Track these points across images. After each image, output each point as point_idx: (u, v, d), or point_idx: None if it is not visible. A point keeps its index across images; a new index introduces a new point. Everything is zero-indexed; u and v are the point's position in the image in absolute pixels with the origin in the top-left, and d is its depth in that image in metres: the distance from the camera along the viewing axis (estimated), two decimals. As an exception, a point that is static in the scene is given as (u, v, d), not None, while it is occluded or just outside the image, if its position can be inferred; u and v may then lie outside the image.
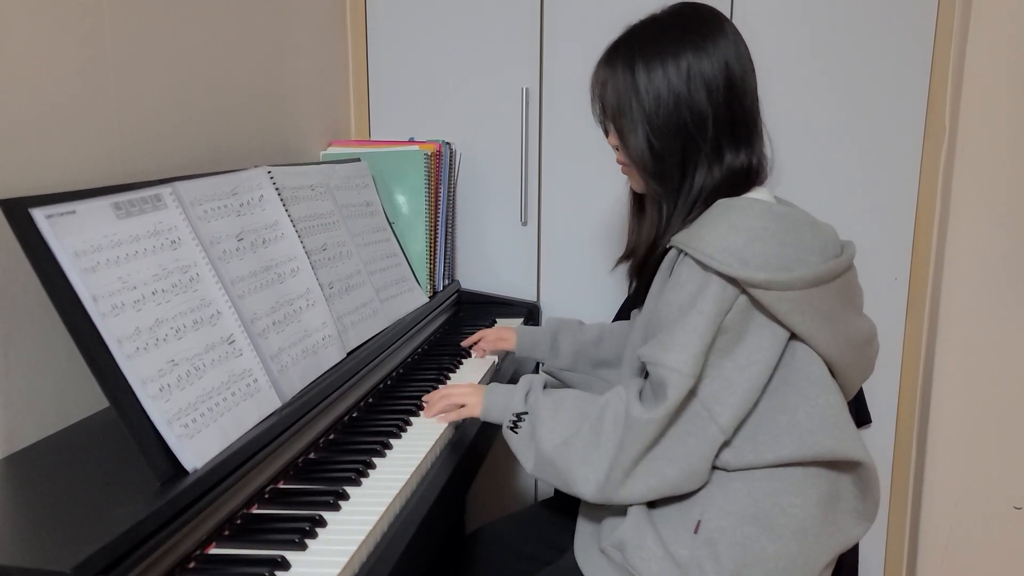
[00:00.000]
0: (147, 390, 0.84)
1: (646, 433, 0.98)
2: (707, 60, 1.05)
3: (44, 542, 0.71)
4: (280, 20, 1.57)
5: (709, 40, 1.06)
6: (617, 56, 1.10)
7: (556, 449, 1.03)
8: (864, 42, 1.75)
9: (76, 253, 0.82)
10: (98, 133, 1.08)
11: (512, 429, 1.10)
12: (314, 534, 0.88)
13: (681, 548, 1.00)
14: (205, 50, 1.32)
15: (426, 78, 1.92)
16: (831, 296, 1.01)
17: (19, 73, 0.94)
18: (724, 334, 0.99)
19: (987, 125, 1.68)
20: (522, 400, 1.10)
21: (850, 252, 1.06)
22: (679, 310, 1.00)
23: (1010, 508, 1.81)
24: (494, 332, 1.53)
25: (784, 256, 0.98)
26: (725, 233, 0.99)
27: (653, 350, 1.00)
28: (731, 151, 1.07)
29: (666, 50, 1.06)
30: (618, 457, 0.99)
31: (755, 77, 1.10)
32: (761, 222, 1.00)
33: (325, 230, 1.36)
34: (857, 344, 1.08)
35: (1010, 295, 1.73)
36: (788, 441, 0.99)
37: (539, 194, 1.93)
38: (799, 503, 1.00)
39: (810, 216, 1.06)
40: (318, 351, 1.19)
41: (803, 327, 1.00)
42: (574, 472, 1.02)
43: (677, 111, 1.06)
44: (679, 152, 1.07)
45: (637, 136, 1.08)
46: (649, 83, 1.06)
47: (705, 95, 1.05)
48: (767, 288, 0.96)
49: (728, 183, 1.08)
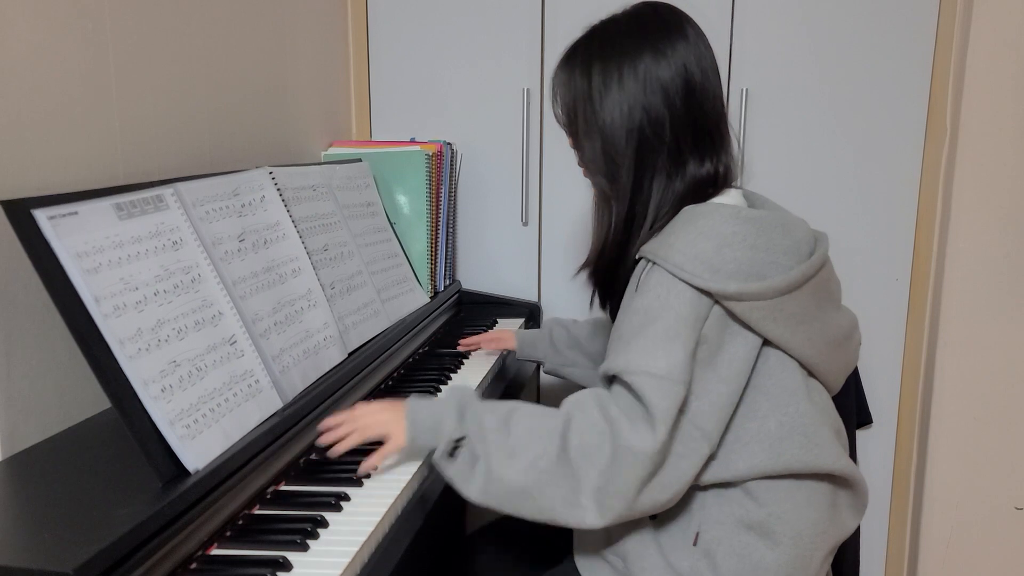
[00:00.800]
0: (149, 391, 0.84)
1: (645, 463, 0.90)
2: (664, 63, 1.02)
3: (46, 543, 0.71)
4: (281, 20, 1.57)
5: (667, 43, 1.02)
6: (575, 59, 1.07)
7: (523, 474, 0.92)
8: (865, 43, 1.75)
9: (78, 254, 0.82)
10: (100, 134, 1.08)
11: (450, 455, 0.98)
12: (316, 535, 0.88)
13: (682, 560, 0.99)
14: (206, 50, 1.32)
15: (427, 78, 1.92)
16: (805, 298, 0.99)
17: (20, 73, 0.94)
18: (704, 344, 0.95)
19: (988, 126, 1.68)
20: (455, 423, 0.98)
21: (822, 249, 1.03)
22: (649, 315, 0.95)
23: (1011, 508, 1.81)
24: (493, 334, 1.53)
25: (756, 260, 0.96)
26: (694, 240, 0.95)
27: (627, 357, 0.93)
28: (694, 160, 1.04)
29: (624, 54, 1.03)
30: (611, 482, 0.91)
31: (719, 78, 1.07)
32: (730, 227, 0.96)
33: (326, 230, 1.36)
34: (836, 341, 1.05)
35: (1011, 296, 1.73)
36: (758, 450, 0.97)
37: (540, 194, 1.93)
38: (793, 509, 0.99)
39: (781, 214, 1.03)
40: (319, 351, 1.19)
41: (776, 333, 0.97)
42: (551, 497, 0.92)
43: (631, 117, 1.02)
44: (632, 156, 1.03)
45: (592, 139, 1.05)
46: (605, 88, 1.03)
47: (662, 99, 1.02)
48: (739, 299, 0.94)
49: (691, 191, 1.04)
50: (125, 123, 1.12)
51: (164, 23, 1.21)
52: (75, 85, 1.03)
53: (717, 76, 1.07)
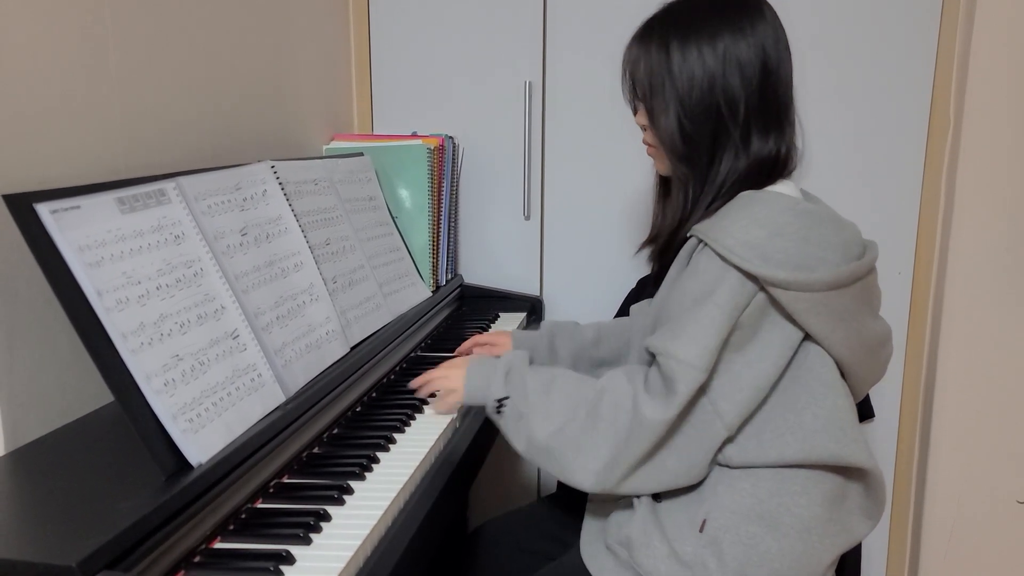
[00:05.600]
0: (151, 385, 0.84)
1: (657, 432, 0.96)
2: (744, 43, 1.03)
3: (49, 537, 0.71)
4: (283, 14, 1.57)
5: (747, 23, 1.03)
6: (652, 34, 1.07)
7: (551, 437, 1.01)
8: (868, 36, 1.75)
9: (80, 248, 0.82)
10: (101, 128, 1.08)
11: (497, 412, 1.08)
12: (319, 528, 0.88)
13: (686, 546, 1.00)
14: (208, 44, 1.32)
15: (429, 72, 1.91)
16: (848, 298, 1.00)
17: (21, 68, 0.94)
18: (739, 330, 0.97)
19: (991, 119, 1.68)
20: (502, 384, 1.08)
21: (872, 254, 1.04)
22: (693, 300, 0.98)
23: (1013, 502, 1.81)
24: (487, 338, 1.48)
25: (806, 254, 0.96)
26: (747, 226, 0.97)
27: (663, 340, 0.98)
28: (759, 138, 1.05)
29: (703, 30, 1.03)
30: (623, 452, 0.98)
31: (791, 65, 1.08)
32: (785, 217, 0.98)
33: (328, 224, 1.35)
34: (870, 347, 1.06)
35: (1014, 289, 1.73)
36: (792, 440, 0.99)
37: (542, 188, 1.92)
38: (804, 503, 0.99)
39: (834, 213, 1.04)
40: (322, 346, 1.19)
41: (817, 328, 0.98)
42: (570, 461, 1.00)
43: (711, 93, 1.03)
44: (709, 135, 1.05)
45: (668, 117, 1.06)
46: (684, 63, 1.04)
47: (739, 79, 1.03)
48: (786, 288, 0.95)
49: (754, 172, 1.05)
50: (127, 117, 1.12)
51: (165, 17, 1.20)
52: (76, 79, 1.03)
53: (790, 62, 1.08)
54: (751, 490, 1.00)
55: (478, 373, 1.12)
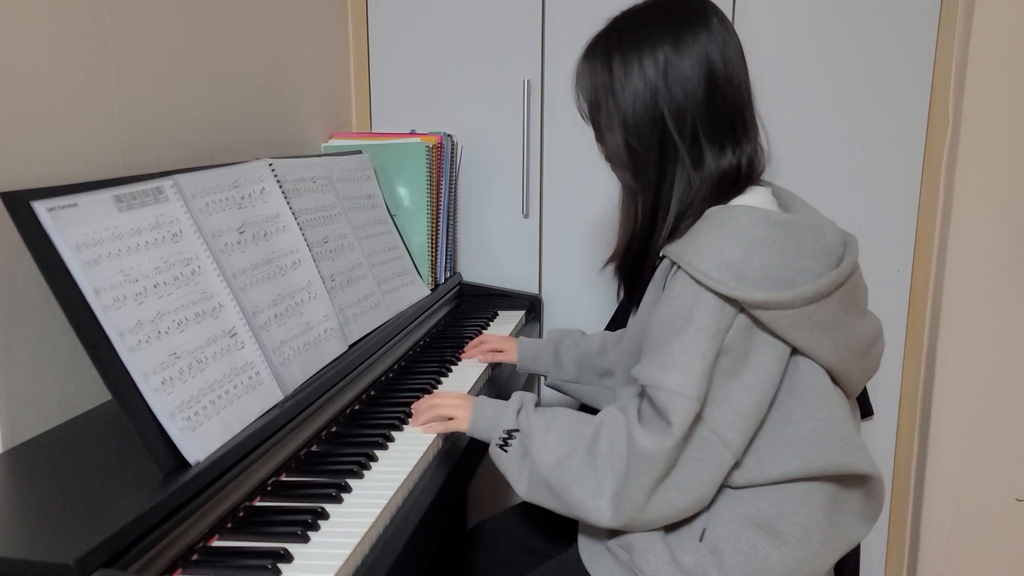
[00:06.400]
0: (149, 383, 0.84)
1: (656, 464, 0.94)
2: (686, 54, 1.01)
3: (47, 535, 0.71)
4: (281, 12, 1.57)
5: (689, 32, 1.01)
6: (596, 50, 1.07)
7: (551, 470, 1.00)
8: (867, 34, 1.75)
9: (78, 246, 0.82)
10: (99, 126, 1.07)
11: (502, 447, 1.06)
12: (316, 526, 0.88)
13: (687, 555, 0.99)
14: (206, 42, 1.32)
15: (428, 70, 1.91)
16: (833, 306, 0.97)
17: (20, 66, 0.94)
18: (727, 354, 0.95)
19: (990, 117, 1.68)
20: (513, 417, 1.07)
21: (852, 255, 1.01)
22: (672, 326, 0.95)
23: (1012, 500, 1.81)
24: (493, 343, 1.49)
25: (784, 266, 0.94)
26: (721, 246, 0.94)
27: (650, 371, 0.95)
28: (713, 149, 1.02)
29: (643, 44, 1.02)
30: (627, 484, 0.95)
31: (745, 68, 1.06)
32: (758, 231, 0.95)
33: (327, 222, 1.35)
34: (861, 349, 1.04)
35: (1013, 288, 1.73)
36: (792, 456, 0.97)
37: (541, 186, 1.92)
38: (805, 511, 0.97)
39: (811, 215, 1.02)
40: (320, 344, 1.18)
41: (803, 342, 0.96)
42: (573, 495, 0.98)
43: (654, 107, 1.02)
44: (657, 149, 1.03)
45: (614, 132, 1.05)
46: (626, 78, 1.02)
47: (683, 91, 1.01)
48: (765, 308, 0.93)
49: (716, 186, 1.03)
50: (124, 115, 1.12)
51: (164, 15, 1.20)
52: (75, 77, 1.03)
53: (743, 64, 1.06)
54: (751, 499, 0.99)
55: (489, 406, 1.11)
